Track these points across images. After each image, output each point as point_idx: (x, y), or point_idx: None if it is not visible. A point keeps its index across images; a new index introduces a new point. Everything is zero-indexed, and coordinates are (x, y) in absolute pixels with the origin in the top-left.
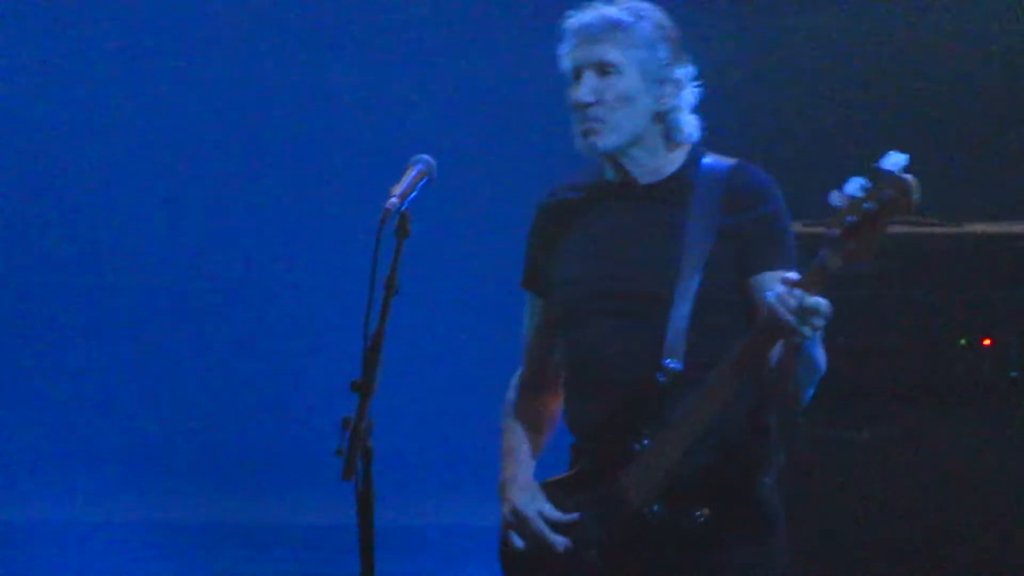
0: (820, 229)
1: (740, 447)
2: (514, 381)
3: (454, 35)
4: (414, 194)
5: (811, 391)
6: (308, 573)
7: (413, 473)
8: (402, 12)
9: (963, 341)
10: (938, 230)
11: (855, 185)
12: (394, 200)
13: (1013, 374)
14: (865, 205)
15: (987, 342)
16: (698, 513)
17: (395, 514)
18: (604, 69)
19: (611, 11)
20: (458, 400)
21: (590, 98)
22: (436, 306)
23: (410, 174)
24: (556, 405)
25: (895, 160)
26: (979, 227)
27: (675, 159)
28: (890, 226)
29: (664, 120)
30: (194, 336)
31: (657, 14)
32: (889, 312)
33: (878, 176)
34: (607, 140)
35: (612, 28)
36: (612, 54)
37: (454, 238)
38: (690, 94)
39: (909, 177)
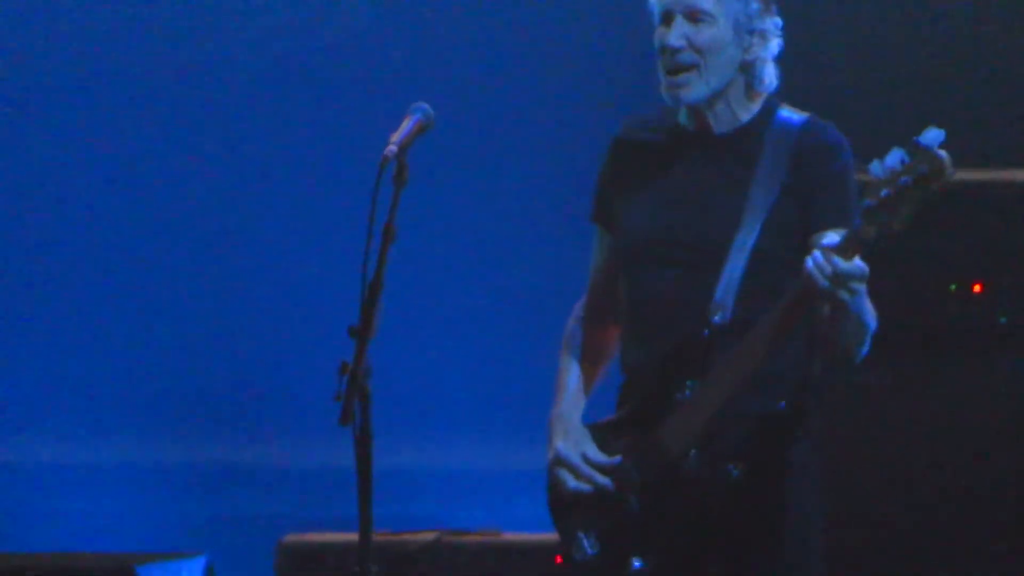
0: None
1: (781, 402)
2: (576, 310)
3: None
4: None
5: (864, 347)
6: (307, 515)
7: (412, 417)
8: None
9: (953, 287)
10: None
11: (895, 158)
12: (392, 148)
13: (1003, 319)
14: (901, 179)
15: (977, 288)
16: (731, 467)
17: (393, 457)
18: (696, 16)
19: None
20: (457, 344)
21: (680, 43)
22: (435, 252)
23: (408, 123)
24: (615, 337)
25: (933, 136)
26: (969, 174)
27: (751, 109)
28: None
29: (748, 70)
30: (192, 281)
31: None
32: (879, 258)
33: (916, 151)
34: (695, 92)
35: None
36: (706, 3)
37: (454, 182)
38: (775, 45)
39: (944, 155)
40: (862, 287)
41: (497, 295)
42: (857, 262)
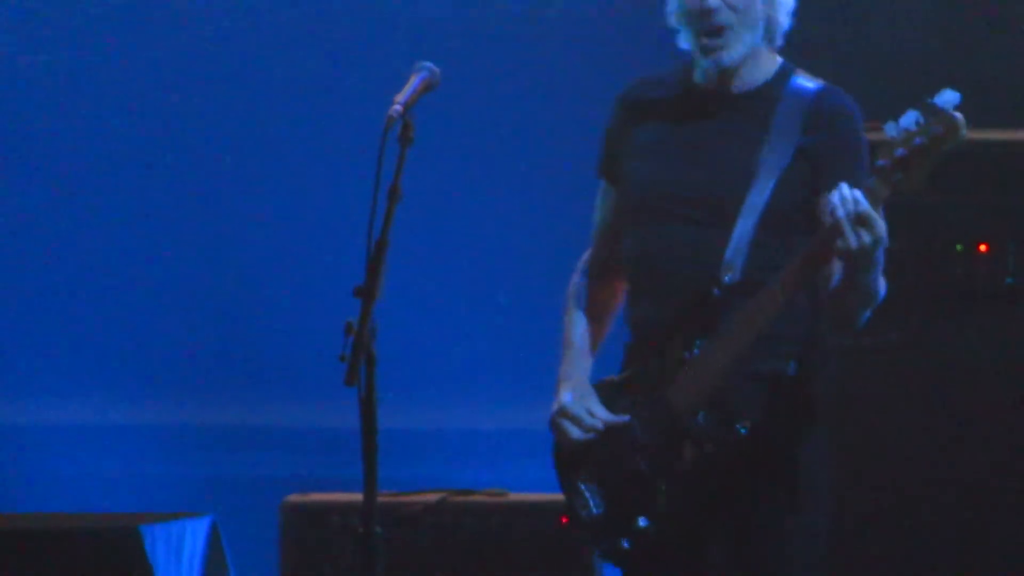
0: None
1: (791, 362)
2: (581, 264)
3: None
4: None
5: (867, 314)
6: (312, 476)
7: (417, 377)
8: None
9: (960, 247)
10: None
11: (910, 119)
12: (397, 107)
13: (1009, 280)
14: (916, 140)
15: (983, 248)
16: (739, 427)
17: (398, 417)
18: None
19: None
20: (463, 305)
21: (717, 2)
22: (441, 212)
23: (414, 81)
24: (621, 291)
25: (948, 98)
26: (976, 133)
27: (767, 70)
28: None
29: (770, 25)
30: (198, 241)
31: None
32: (886, 217)
33: (930, 112)
34: (734, 52)
35: None
36: None
37: (460, 144)
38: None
39: (959, 116)
40: (870, 241)
41: (502, 255)
42: (875, 213)
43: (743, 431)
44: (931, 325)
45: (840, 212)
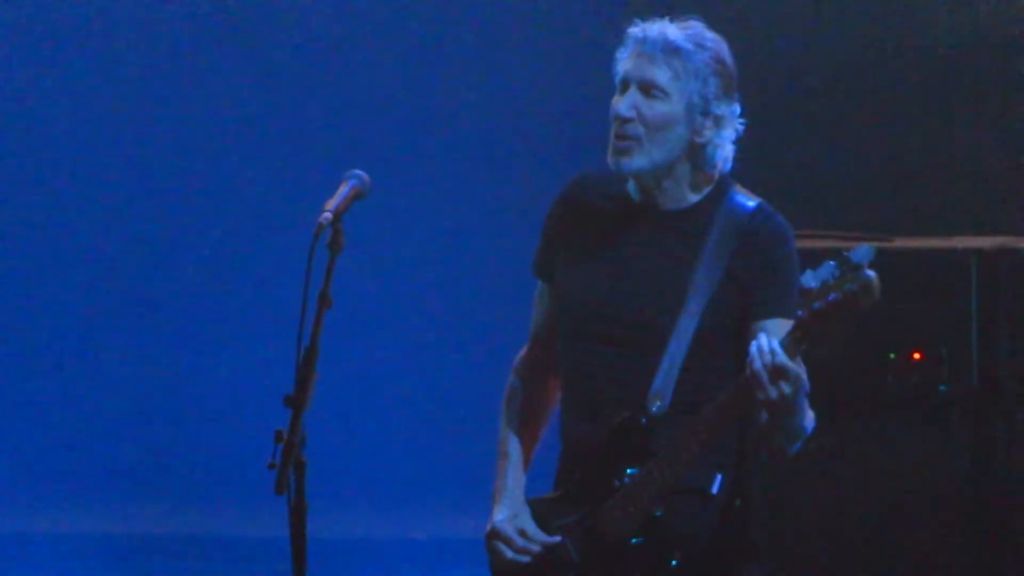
0: None
1: (718, 475)
2: (516, 363)
3: (389, 46)
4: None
5: (797, 445)
6: None
7: (347, 487)
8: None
9: (893, 355)
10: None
11: (826, 270)
12: (327, 214)
13: (943, 387)
14: (831, 296)
15: (917, 356)
16: (670, 554)
17: (328, 527)
18: (650, 90)
19: (675, 33)
20: (392, 414)
21: (629, 113)
22: (371, 320)
23: (344, 189)
24: (556, 391)
25: (863, 253)
26: (909, 241)
27: (702, 189)
28: (820, 239)
29: (698, 152)
30: (128, 348)
31: (719, 46)
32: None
33: (846, 266)
34: (636, 162)
35: (670, 52)
36: (662, 78)
37: (387, 251)
38: (731, 131)
39: (872, 275)
40: (790, 391)
41: (431, 363)
42: (793, 366)
43: (675, 562)
44: (865, 432)
45: (757, 364)
